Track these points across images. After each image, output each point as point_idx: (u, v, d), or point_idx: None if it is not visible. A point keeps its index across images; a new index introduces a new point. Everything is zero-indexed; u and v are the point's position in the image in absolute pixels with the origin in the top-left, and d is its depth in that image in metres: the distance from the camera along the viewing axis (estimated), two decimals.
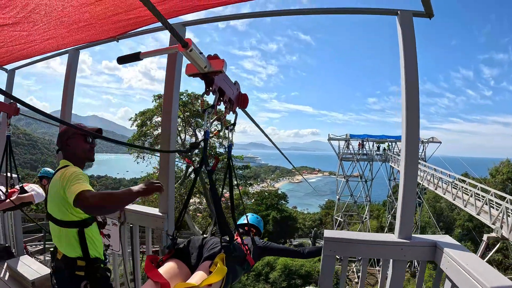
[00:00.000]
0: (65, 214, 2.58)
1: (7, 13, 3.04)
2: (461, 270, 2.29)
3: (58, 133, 2.92)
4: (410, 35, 2.81)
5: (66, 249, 2.65)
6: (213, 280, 2.07)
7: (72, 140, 2.82)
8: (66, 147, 2.82)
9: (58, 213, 2.59)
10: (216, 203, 2.25)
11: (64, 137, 2.82)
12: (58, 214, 2.59)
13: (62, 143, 2.83)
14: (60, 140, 2.85)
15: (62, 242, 2.66)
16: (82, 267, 2.65)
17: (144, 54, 1.89)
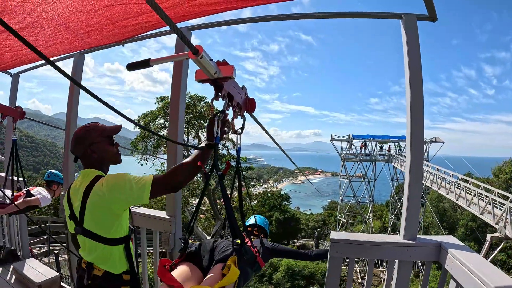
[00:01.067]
0: (113, 231, 2.31)
1: (14, 18, 3.03)
2: (466, 270, 2.30)
3: (75, 138, 2.47)
4: (415, 38, 2.83)
5: (110, 266, 2.36)
6: (227, 282, 2.10)
7: (96, 145, 2.45)
8: (91, 155, 2.44)
9: (104, 230, 2.28)
10: (228, 206, 2.26)
11: (85, 143, 2.44)
12: (103, 231, 2.27)
13: (85, 150, 2.44)
14: (80, 147, 2.45)
15: (105, 259, 2.34)
16: (128, 281, 2.44)
17: (154, 61, 1.92)
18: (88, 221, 2.25)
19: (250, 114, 2.62)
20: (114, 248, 2.33)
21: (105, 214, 2.24)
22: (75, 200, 2.34)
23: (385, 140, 39.16)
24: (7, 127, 5.52)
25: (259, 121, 3.39)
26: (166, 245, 3.51)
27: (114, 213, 2.25)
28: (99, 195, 2.19)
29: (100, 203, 2.21)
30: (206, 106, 26.94)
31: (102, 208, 2.22)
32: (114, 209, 2.23)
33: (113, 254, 2.34)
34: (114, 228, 2.30)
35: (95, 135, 2.46)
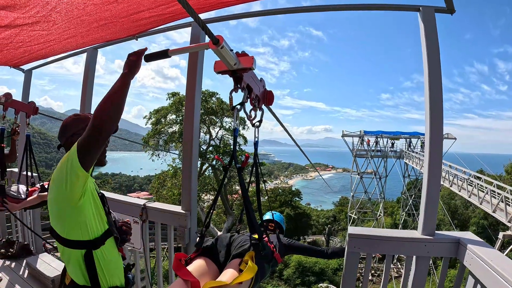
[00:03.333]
0: (67, 230, 2.03)
1: (27, 12, 3.01)
2: (486, 266, 2.27)
3: (62, 125, 2.33)
4: (433, 31, 2.79)
5: (73, 273, 2.11)
6: (244, 278, 2.07)
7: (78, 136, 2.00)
8: (70, 145, 2.15)
9: (60, 227, 2.04)
10: (246, 200, 2.23)
11: (68, 132, 2.29)
12: (60, 229, 2.04)
13: (67, 139, 2.29)
14: (64, 135, 2.30)
15: (69, 264, 2.11)
16: None
17: (172, 51, 1.90)
18: (51, 218, 2.06)
19: (267, 107, 2.60)
20: (73, 253, 2.06)
21: (60, 209, 2.00)
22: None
23: (397, 136, 38.92)
24: (21, 122, 5.55)
25: (276, 114, 3.36)
26: (181, 240, 3.50)
27: (68, 204, 1.97)
28: (50, 189, 2.00)
29: (53, 196, 2.00)
30: (218, 102, 26.98)
31: (56, 202, 2.00)
32: (65, 200, 1.96)
33: (71, 259, 2.08)
34: (69, 227, 2.02)
35: (81, 125, 2.26)
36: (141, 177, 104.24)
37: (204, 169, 28.55)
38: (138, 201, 4.05)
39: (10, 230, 6.02)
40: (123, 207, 4.02)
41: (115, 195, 4.47)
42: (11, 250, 5.35)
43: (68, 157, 1.90)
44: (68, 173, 1.89)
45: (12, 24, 3.25)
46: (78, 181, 1.92)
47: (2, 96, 4.21)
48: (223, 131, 28.36)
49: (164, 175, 29.09)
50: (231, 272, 2.21)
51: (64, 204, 1.98)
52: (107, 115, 1.83)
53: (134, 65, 1.94)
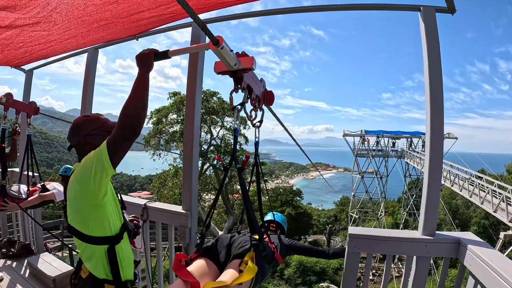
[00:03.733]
0: (91, 227, 2.10)
1: (28, 13, 3.02)
2: (486, 267, 2.27)
3: (72, 126, 2.35)
4: (434, 31, 2.79)
5: (93, 267, 2.17)
6: (244, 279, 2.07)
7: (92, 137, 2.29)
8: (85, 146, 2.27)
9: (82, 225, 2.11)
10: (246, 200, 2.23)
11: (81, 133, 2.30)
12: (81, 227, 2.11)
13: (79, 141, 2.30)
14: (76, 136, 2.31)
15: (89, 258, 2.18)
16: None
17: (172, 52, 1.92)
18: (71, 216, 2.14)
19: (268, 107, 2.60)
20: (96, 248, 2.14)
21: (81, 207, 2.08)
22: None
23: (398, 136, 38.91)
24: (21, 122, 5.56)
25: (276, 115, 3.36)
26: (182, 240, 3.50)
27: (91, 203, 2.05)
28: (71, 187, 2.07)
29: (75, 195, 2.06)
30: (219, 101, 26.98)
31: (79, 200, 2.06)
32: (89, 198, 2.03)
33: (95, 254, 2.15)
34: (93, 224, 2.10)
35: (93, 126, 2.33)
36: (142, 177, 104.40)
37: (205, 168, 28.55)
38: (139, 201, 4.05)
39: (11, 229, 6.02)
40: None
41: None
42: (12, 250, 5.36)
43: (97, 155, 1.96)
44: (98, 171, 1.95)
45: (13, 25, 3.26)
46: (106, 179, 2.01)
47: (3, 96, 4.21)
48: (224, 130, 28.35)
49: (165, 175, 29.10)
50: (231, 272, 2.21)
51: (89, 202, 2.05)
52: (137, 114, 1.93)
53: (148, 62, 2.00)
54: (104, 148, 1.94)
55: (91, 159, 1.98)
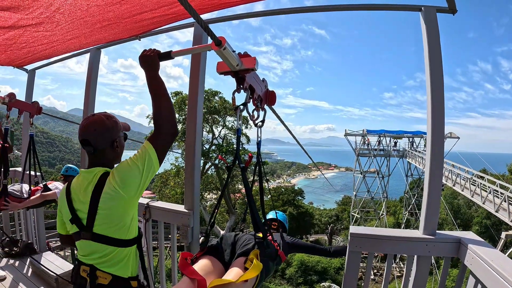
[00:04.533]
0: (129, 231, 2.13)
1: (31, 14, 3.03)
2: (487, 266, 2.28)
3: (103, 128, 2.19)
4: (435, 31, 2.79)
5: (119, 269, 2.14)
6: (250, 276, 2.09)
7: (120, 140, 2.30)
8: (115, 149, 2.26)
9: (120, 231, 2.09)
10: (250, 199, 2.25)
11: (113, 135, 2.23)
12: (120, 233, 2.09)
13: (111, 143, 2.22)
14: (108, 137, 2.20)
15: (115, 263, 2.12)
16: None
17: (175, 53, 1.93)
18: (101, 225, 2.05)
19: (270, 107, 2.61)
20: (126, 250, 2.15)
21: (122, 213, 2.06)
22: (78, 202, 2.14)
23: (400, 135, 38.89)
24: (24, 122, 5.57)
25: (279, 114, 3.37)
26: (184, 239, 3.51)
27: (132, 205, 2.10)
28: (114, 196, 2.00)
29: (117, 204, 2.02)
30: (220, 101, 26.97)
31: (118, 206, 2.03)
32: (131, 201, 2.06)
33: (127, 256, 2.16)
34: (129, 228, 2.12)
35: (120, 128, 2.30)
36: None
37: (207, 168, 28.53)
38: (141, 200, 4.06)
39: (14, 229, 6.04)
40: None
41: None
42: (15, 249, 5.39)
43: (146, 158, 2.02)
44: (149, 172, 2.05)
45: (16, 25, 3.27)
46: (150, 179, 2.11)
47: (5, 96, 4.23)
48: (226, 130, 28.35)
49: (167, 174, 29.12)
50: (237, 270, 2.23)
51: (132, 205, 2.11)
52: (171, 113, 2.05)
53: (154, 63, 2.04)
54: (151, 149, 2.03)
55: (137, 164, 2.02)
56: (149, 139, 2.05)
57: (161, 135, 2.04)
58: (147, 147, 2.02)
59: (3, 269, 4.90)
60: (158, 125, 2.02)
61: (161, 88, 2.04)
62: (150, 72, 2.02)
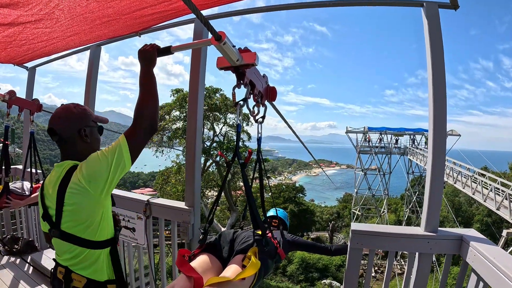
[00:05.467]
0: (97, 232, 2.03)
1: (30, 10, 3.02)
2: (489, 264, 2.27)
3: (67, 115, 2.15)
4: (437, 27, 2.77)
5: (93, 273, 2.08)
6: (248, 273, 2.06)
7: (91, 130, 2.21)
8: (84, 138, 2.16)
9: (88, 231, 2.00)
10: (249, 196, 2.23)
11: (81, 123, 2.16)
12: (87, 233, 2.00)
13: (79, 131, 2.15)
14: (73, 126, 2.14)
15: (88, 265, 2.06)
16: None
17: (175, 48, 1.93)
18: (67, 222, 1.97)
19: (270, 103, 2.60)
20: (98, 253, 2.07)
21: (89, 211, 1.97)
22: (48, 198, 2.08)
23: (401, 133, 38.87)
24: (25, 120, 5.56)
25: (279, 110, 3.36)
26: (185, 235, 3.51)
27: (101, 203, 2.00)
28: (79, 190, 1.92)
29: (83, 200, 1.94)
30: (221, 98, 26.94)
31: (84, 203, 1.95)
32: (99, 199, 1.96)
33: (97, 259, 2.08)
34: (98, 228, 2.02)
35: (90, 118, 2.24)
36: (145, 174, 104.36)
37: (208, 165, 28.52)
38: (141, 197, 4.06)
39: (15, 226, 6.04)
40: (127, 203, 4.03)
41: (119, 191, 4.48)
42: (16, 247, 5.38)
43: (116, 151, 1.94)
44: (118, 167, 1.96)
45: (15, 22, 3.26)
46: (120, 177, 2.01)
47: (6, 93, 4.22)
48: (227, 127, 28.31)
49: (168, 172, 29.09)
50: (234, 267, 2.20)
51: (99, 203, 2.00)
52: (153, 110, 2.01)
53: (151, 58, 2.04)
54: (125, 144, 1.95)
55: (107, 157, 1.94)
56: (125, 134, 1.98)
57: (139, 132, 1.98)
58: (121, 142, 1.95)
59: (4, 266, 4.91)
60: (139, 121, 1.97)
61: (152, 85, 2.02)
62: (146, 66, 2.02)
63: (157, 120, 2.04)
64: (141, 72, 2.03)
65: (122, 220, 3.95)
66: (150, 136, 2.04)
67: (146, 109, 1.98)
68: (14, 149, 14.53)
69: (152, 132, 2.02)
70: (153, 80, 2.05)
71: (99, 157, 1.96)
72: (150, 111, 1.99)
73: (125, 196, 4.14)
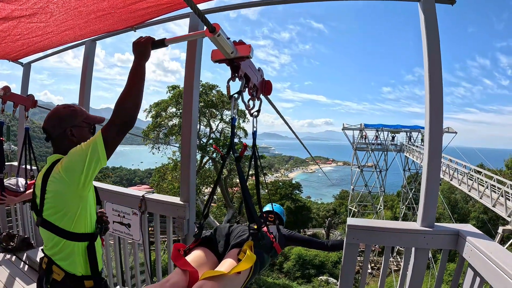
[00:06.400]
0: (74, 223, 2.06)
1: (24, 4, 2.99)
2: (485, 259, 2.26)
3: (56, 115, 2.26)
4: (433, 22, 2.76)
5: (70, 265, 2.12)
6: (243, 267, 2.05)
7: (79, 129, 2.28)
8: (70, 137, 2.23)
9: (64, 220, 2.04)
10: (244, 190, 2.22)
11: (68, 123, 2.24)
12: (64, 223, 2.04)
13: (65, 130, 2.23)
14: (61, 126, 2.23)
15: (66, 256, 2.11)
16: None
17: (169, 40, 1.91)
18: (47, 210, 2.04)
19: (266, 97, 2.58)
20: (76, 245, 2.10)
21: (66, 199, 2.02)
22: (36, 187, 2.16)
23: (397, 130, 38.92)
24: (20, 116, 5.53)
25: (274, 104, 3.34)
26: (180, 231, 3.50)
27: (78, 195, 2.03)
28: (58, 179, 1.99)
29: (60, 188, 2.00)
30: (218, 94, 26.91)
31: (63, 193, 2.01)
32: (77, 189, 1.99)
33: (74, 251, 2.11)
34: (74, 219, 2.05)
35: (80, 118, 2.31)
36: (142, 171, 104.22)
37: (204, 162, 28.52)
38: (137, 192, 4.03)
39: (11, 223, 6.02)
40: (122, 198, 4.02)
41: (115, 186, 4.46)
42: (11, 244, 5.36)
43: (92, 146, 1.94)
44: (92, 162, 1.95)
45: (9, 16, 3.23)
46: (97, 170, 2.01)
47: (0, 89, 4.19)
48: (224, 124, 28.31)
49: (164, 168, 29.08)
50: (230, 261, 2.19)
51: (76, 194, 2.02)
52: (133, 106, 1.96)
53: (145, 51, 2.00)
54: (100, 139, 1.94)
55: (84, 150, 1.95)
56: (101, 129, 1.99)
57: (116, 125, 1.95)
58: (96, 136, 1.96)
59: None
60: (117, 114, 1.94)
61: (140, 79, 1.99)
62: (139, 59, 1.99)
63: (136, 116, 2.01)
64: (133, 65, 2.00)
65: (117, 216, 3.94)
66: (125, 132, 2.02)
67: (127, 103, 1.95)
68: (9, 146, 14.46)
69: (128, 129, 2.00)
70: (143, 75, 2.01)
71: (77, 150, 1.99)
72: (130, 106, 1.96)
73: (120, 192, 4.13)
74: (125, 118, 1.95)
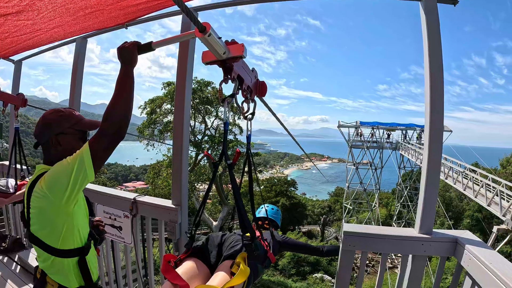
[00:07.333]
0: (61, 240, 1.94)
1: (10, 1, 2.92)
2: (484, 268, 2.23)
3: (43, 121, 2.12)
4: (435, 22, 2.71)
5: (63, 280, 2.03)
6: (236, 282, 1.98)
7: (65, 137, 2.10)
8: (56, 145, 2.07)
9: (51, 238, 1.93)
10: (237, 199, 2.13)
11: (53, 130, 2.08)
12: (51, 240, 1.93)
13: (50, 138, 2.08)
14: (46, 133, 2.09)
15: (57, 271, 2.02)
16: None
17: (156, 43, 1.82)
18: (34, 225, 1.93)
19: (260, 98, 2.49)
20: (66, 261, 1.99)
21: (51, 217, 1.89)
22: (25, 197, 2.02)
23: (393, 128, 39.01)
24: (10, 115, 5.45)
25: (269, 106, 3.27)
26: (172, 235, 3.45)
27: (62, 212, 1.88)
28: (40, 196, 1.85)
29: (43, 205, 1.87)
30: (213, 91, 26.81)
31: (47, 210, 1.87)
32: (60, 206, 1.85)
33: (64, 267, 2.00)
34: (60, 237, 1.92)
35: (68, 124, 2.12)
36: (137, 167, 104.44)
37: (199, 159, 28.46)
38: (128, 195, 3.97)
39: (3, 223, 5.95)
40: (113, 201, 3.96)
41: (106, 188, 4.39)
42: (3, 245, 5.30)
43: (78, 161, 1.80)
44: (79, 178, 1.82)
45: None
46: (83, 187, 1.88)
47: None
48: (219, 120, 28.23)
49: (159, 165, 29.03)
50: (222, 275, 2.13)
51: (61, 211, 1.88)
52: (123, 116, 1.82)
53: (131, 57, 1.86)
54: (87, 152, 1.81)
55: (70, 165, 1.81)
56: (89, 141, 1.84)
57: (105, 137, 1.82)
58: (83, 149, 1.82)
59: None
60: (106, 125, 1.81)
61: (129, 87, 1.84)
62: (125, 66, 1.85)
63: (127, 126, 1.87)
64: (120, 73, 1.86)
65: (109, 219, 3.87)
66: (115, 145, 1.87)
67: (117, 112, 1.81)
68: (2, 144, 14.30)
69: (118, 140, 1.86)
70: (131, 82, 1.86)
71: (62, 165, 1.85)
72: (120, 116, 1.82)
73: (111, 194, 4.07)
74: (115, 130, 1.81)
